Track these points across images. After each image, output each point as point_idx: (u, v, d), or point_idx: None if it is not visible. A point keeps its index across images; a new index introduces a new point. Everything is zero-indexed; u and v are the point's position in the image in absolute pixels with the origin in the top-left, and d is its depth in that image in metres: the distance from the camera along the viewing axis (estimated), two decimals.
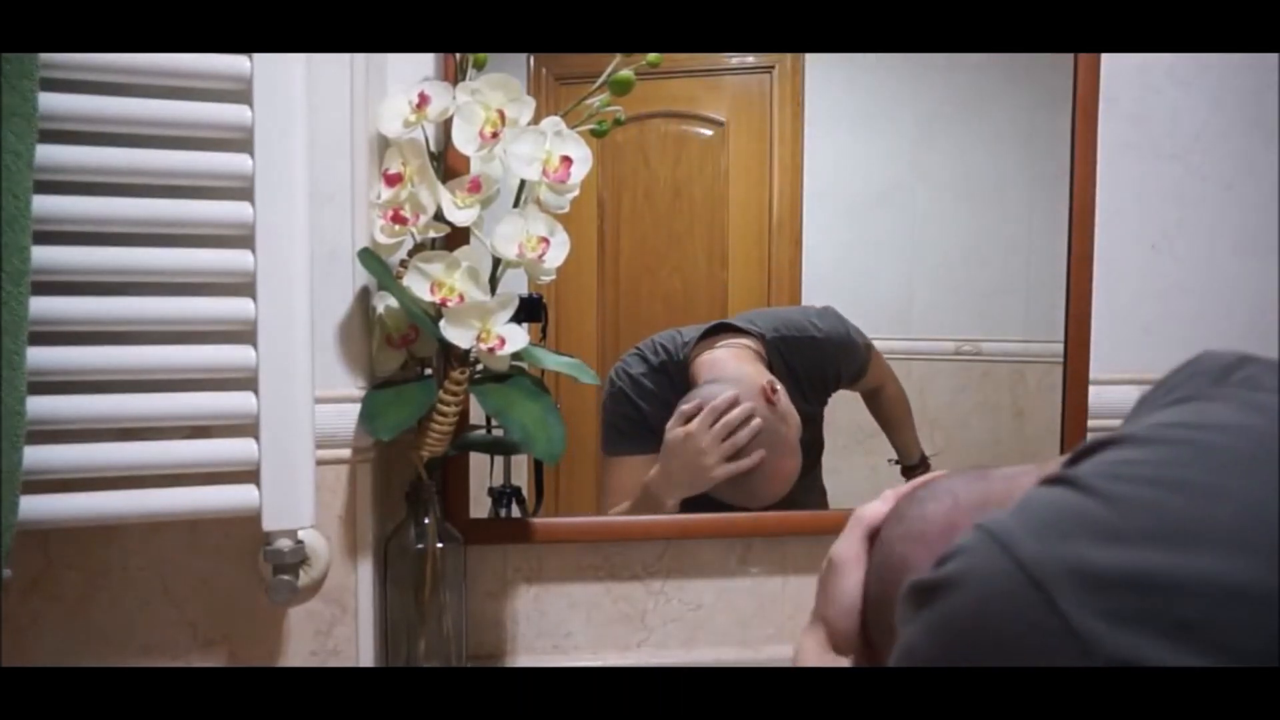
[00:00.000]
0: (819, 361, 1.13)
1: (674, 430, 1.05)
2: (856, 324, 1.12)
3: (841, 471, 1.15)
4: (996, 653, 0.36)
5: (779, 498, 1.07)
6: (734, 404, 1.04)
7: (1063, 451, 0.74)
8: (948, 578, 0.39)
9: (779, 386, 1.06)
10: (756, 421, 1.04)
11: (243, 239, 0.79)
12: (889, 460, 1.15)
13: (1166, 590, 0.34)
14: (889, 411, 1.16)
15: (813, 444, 1.13)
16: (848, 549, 0.58)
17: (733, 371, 1.08)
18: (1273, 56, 1.10)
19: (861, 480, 1.16)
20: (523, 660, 1.04)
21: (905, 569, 0.50)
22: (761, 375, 1.08)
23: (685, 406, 1.05)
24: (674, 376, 1.10)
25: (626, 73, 0.89)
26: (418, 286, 0.84)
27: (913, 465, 1.15)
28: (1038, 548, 0.37)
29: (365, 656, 0.90)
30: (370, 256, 0.85)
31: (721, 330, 1.11)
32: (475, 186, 0.86)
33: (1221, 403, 0.43)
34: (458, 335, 0.84)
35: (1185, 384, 0.47)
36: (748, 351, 1.11)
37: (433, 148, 0.90)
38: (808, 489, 1.13)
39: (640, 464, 1.09)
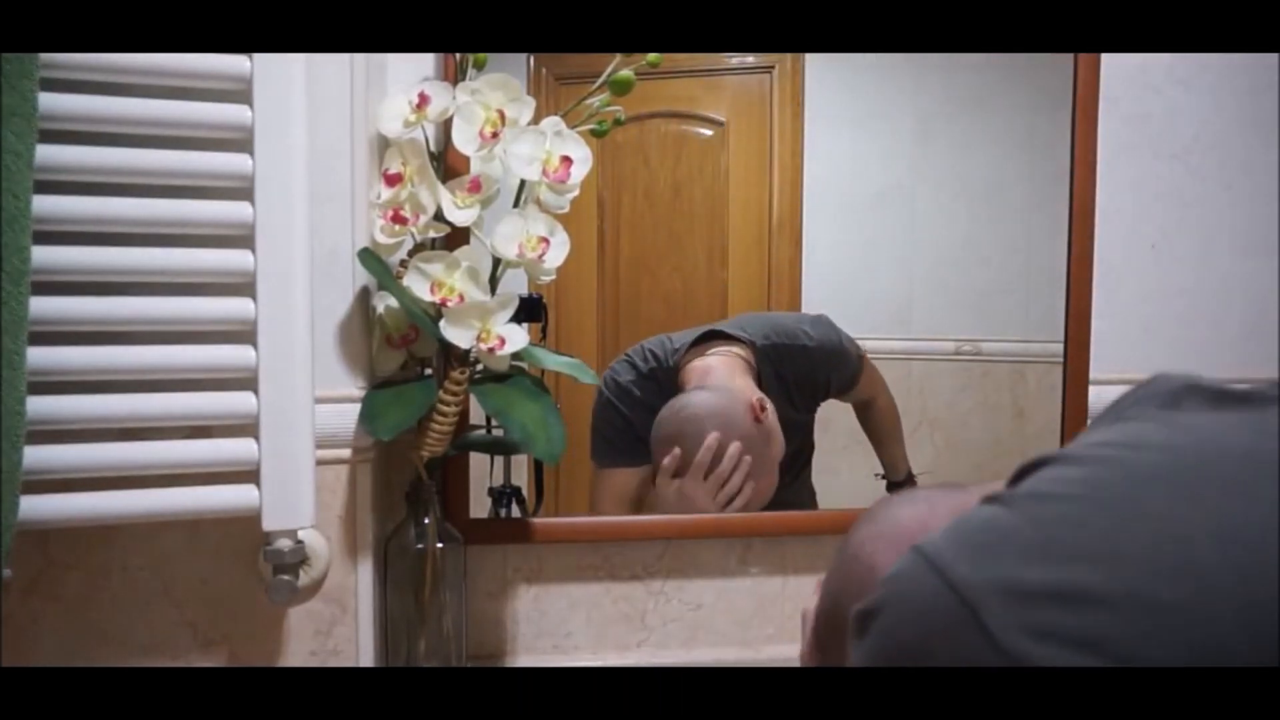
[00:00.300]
0: (810, 370, 1.13)
1: (666, 487, 1.05)
2: (856, 323, 1.12)
3: (840, 472, 1.15)
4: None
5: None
6: (720, 452, 1.03)
7: None
8: (883, 600, 0.41)
9: (768, 405, 1.06)
10: (747, 460, 1.04)
11: (243, 239, 0.79)
12: (875, 475, 1.15)
13: (1086, 605, 0.35)
14: (879, 424, 1.16)
15: (801, 451, 1.13)
16: (807, 649, 0.59)
17: (723, 381, 1.08)
18: (1273, 56, 1.10)
19: (859, 481, 1.16)
20: (523, 660, 1.04)
21: (870, 569, 0.51)
22: (751, 390, 1.07)
23: (666, 461, 1.04)
24: (663, 383, 1.10)
25: (626, 73, 0.89)
26: (418, 286, 0.84)
27: (899, 482, 1.15)
28: (967, 568, 0.38)
29: (365, 656, 0.90)
30: (370, 256, 0.85)
31: (712, 337, 1.11)
32: (475, 186, 0.86)
33: (1155, 423, 0.44)
34: (458, 335, 0.84)
35: (1132, 407, 0.48)
36: (738, 361, 1.10)
37: (433, 148, 0.90)
38: (797, 492, 1.13)
39: (629, 476, 1.09)
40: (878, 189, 1.15)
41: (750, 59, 1.13)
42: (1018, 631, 0.35)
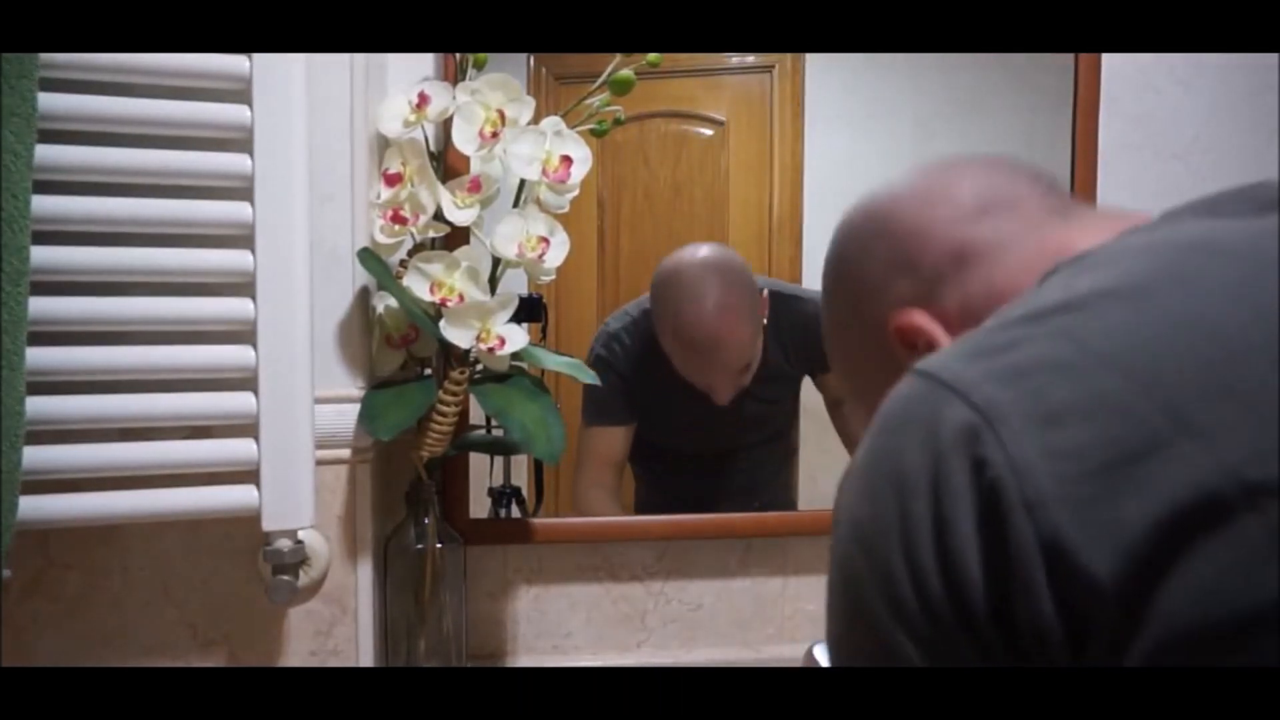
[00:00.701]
0: (805, 325, 1.12)
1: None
2: None
3: (835, 470, 1.15)
4: (934, 492, 0.36)
5: (730, 370, 1.08)
6: None
7: None
8: (890, 424, 0.39)
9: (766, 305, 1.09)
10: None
11: (243, 239, 0.79)
12: None
13: (1111, 415, 0.33)
14: (857, 428, 1.17)
15: (783, 434, 1.13)
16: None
17: None
18: (1273, 56, 1.10)
19: None
20: (523, 660, 1.04)
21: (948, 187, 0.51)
22: None
23: None
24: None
25: (626, 73, 0.89)
26: (417, 286, 0.84)
27: None
28: (991, 389, 0.36)
29: (365, 656, 0.90)
30: (370, 256, 0.85)
31: None
32: (475, 186, 0.86)
33: (1230, 228, 0.40)
34: (458, 335, 0.84)
35: (1225, 203, 0.43)
36: None
37: (433, 148, 0.90)
38: (775, 493, 1.14)
39: (614, 436, 1.09)
40: None
41: (750, 59, 1.13)
42: (1035, 451, 0.33)
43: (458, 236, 0.91)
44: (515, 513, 1.08)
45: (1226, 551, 0.30)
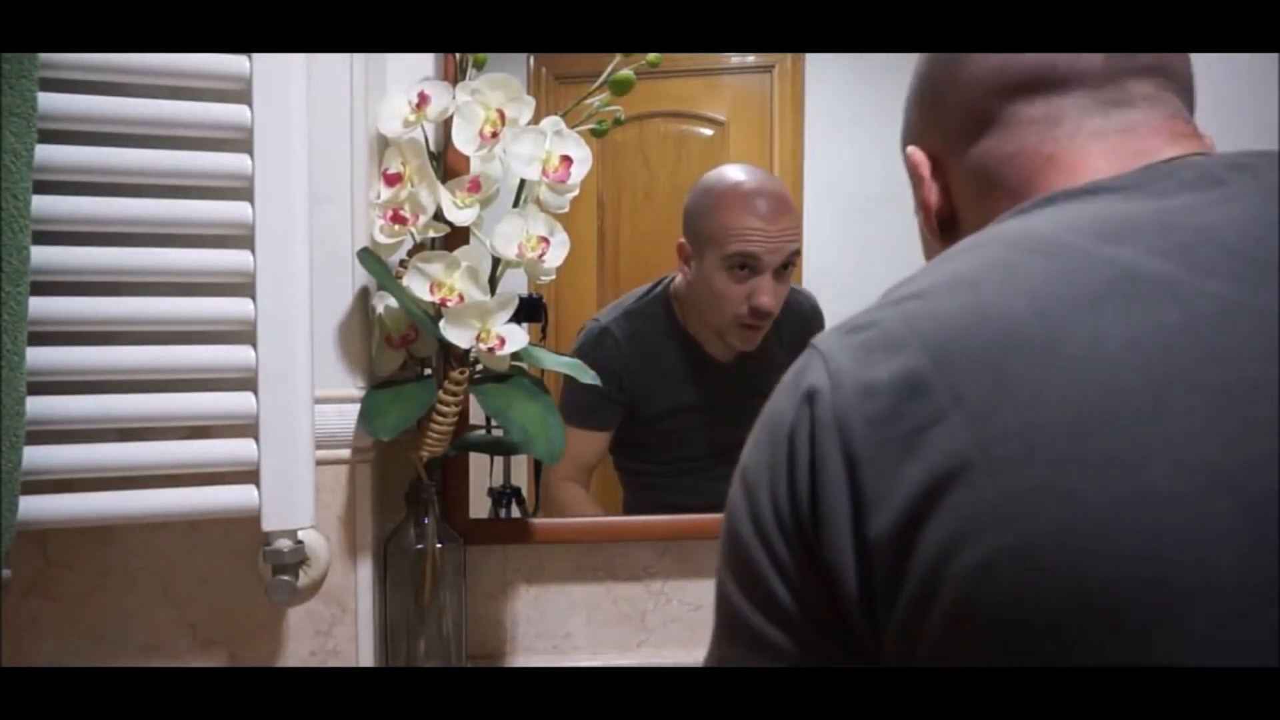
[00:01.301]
0: (798, 313, 1.12)
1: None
2: None
3: None
4: (790, 438, 0.42)
5: (783, 247, 1.07)
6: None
7: None
8: (780, 385, 0.45)
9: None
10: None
11: (243, 239, 0.79)
12: None
13: (915, 391, 0.38)
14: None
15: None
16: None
17: None
18: (1273, 56, 1.10)
19: None
20: (523, 660, 1.04)
21: None
22: None
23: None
24: (650, 315, 1.09)
25: (626, 73, 0.89)
26: (417, 286, 0.84)
27: None
28: (843, 360, 0.41)
29: (365, 656, 0.90)
30: (370, 256, 0.85)
31: None
32: (475, 186, 0.86)
33: (1079, 219, 0.43)
34: (458, 335, 0.84)
35: (1150, 182, 0.45)
36: None
37: (432, 148, 0.90)
38: None
39: (589, 441, 1.08)
40: (878, 189, 1.15)
41: (750, 59, 1.13)
42: (860, 419, 0.39)
43: (458, 236, 0.90)
44: (515, 513, 1.08)
45: (965, 509, 0.35)
